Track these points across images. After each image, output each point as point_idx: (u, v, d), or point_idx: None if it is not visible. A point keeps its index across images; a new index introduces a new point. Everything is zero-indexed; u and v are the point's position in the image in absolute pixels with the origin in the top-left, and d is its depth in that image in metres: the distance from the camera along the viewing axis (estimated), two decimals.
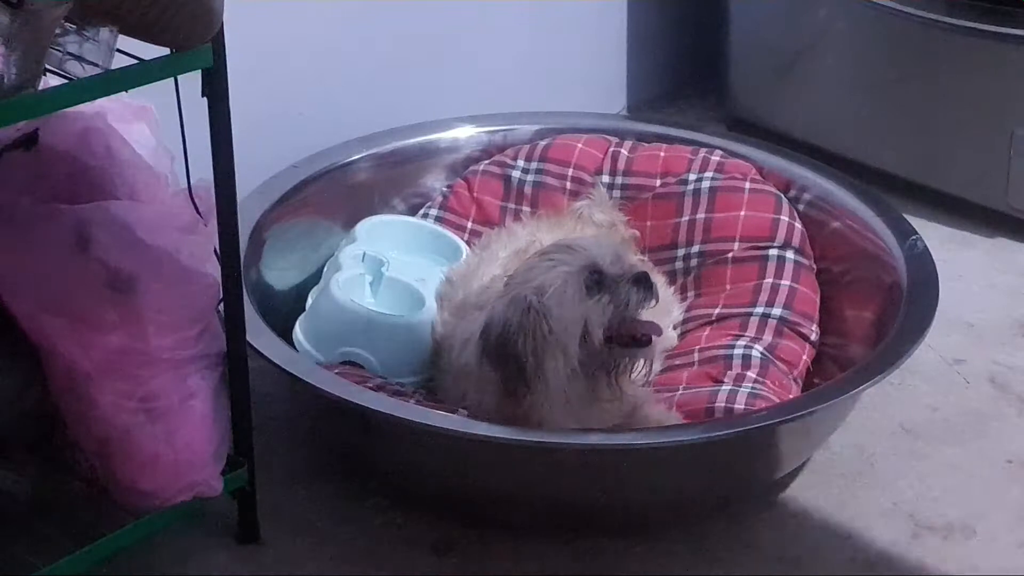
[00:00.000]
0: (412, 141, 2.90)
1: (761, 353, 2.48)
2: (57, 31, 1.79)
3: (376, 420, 2.22)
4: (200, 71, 1.92)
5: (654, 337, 2.26)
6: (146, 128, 2.14)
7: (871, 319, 2.53)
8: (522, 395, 2.19)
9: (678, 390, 2.42)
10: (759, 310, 2.57)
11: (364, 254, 2.61)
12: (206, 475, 2.09)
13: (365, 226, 2.71)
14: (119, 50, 1.86)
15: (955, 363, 2.71)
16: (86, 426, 2.04)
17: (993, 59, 3.02)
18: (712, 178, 2.76)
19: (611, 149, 2.87)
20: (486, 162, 2.91)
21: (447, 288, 2.55)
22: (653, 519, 2.32)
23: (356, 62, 2.98)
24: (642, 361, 2.26)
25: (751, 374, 2.42)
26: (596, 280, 2.21)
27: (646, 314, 2.24)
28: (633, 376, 2.27)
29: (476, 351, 2.22)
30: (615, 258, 2.25)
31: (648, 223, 2.78)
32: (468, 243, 2.77)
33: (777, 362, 2.48)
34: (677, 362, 2.53)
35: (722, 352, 2.49)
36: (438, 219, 2.84)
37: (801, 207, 2.75)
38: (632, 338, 2.23)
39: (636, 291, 2.22)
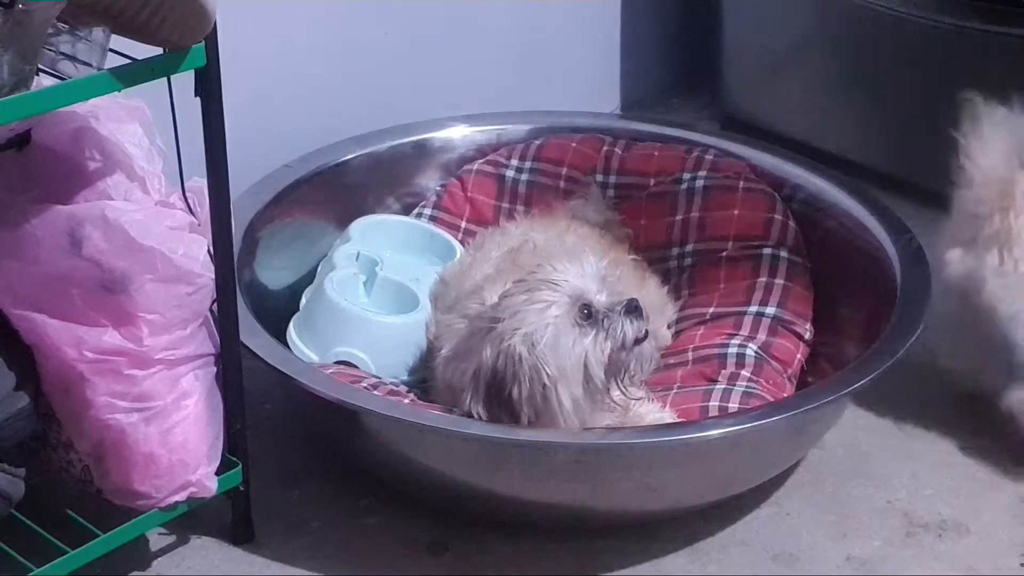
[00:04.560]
0: (406, 140, 2.90)
1: (755, 352, 2.48)
2: (50, 31, 1.79)
3: (370, 420, 2.22)
4: (193, 71, 1.92)
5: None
6: (139, 128, 2.13)
7: (865, 317, 2.53)
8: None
9: (672, 389, 2.42)
10: (753, 309, 2.57)
11: (358, 254, 2.61)
12: (200, 475, 2.09)
13: (359, 226, 2.71)
14: (112, 50, 1.86)
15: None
16: (80, 426, 2.04)
17: (986, 57, 3.02)
18: (706, 177, 2.76)
19: (605, 148, 2.87)
20: (480, 161, 2.90)
21: (441, 288, 2.54)
22: (648, 518, 2.32)
23: (350, 61, 2.98)
24: (642, 369, 2.26)
25: (745, 373, 2.42)
26: (586, 314, 2.18)
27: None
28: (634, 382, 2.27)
29: (468, 395, 2.19)
30: (600, 287, 2.22)
31: (642, 222, 2.78)
32: (462, 242, 2.76)
33: (771, 361, 2.48)
34: (671, 361, 2.53)
35: (716, 351, 2.49)
36: (432, 218, 2.84)
37: (795, 206, 2.75)
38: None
39: (630, 322, 2.20)
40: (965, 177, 2.45)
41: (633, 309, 2.21)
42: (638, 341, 2.21)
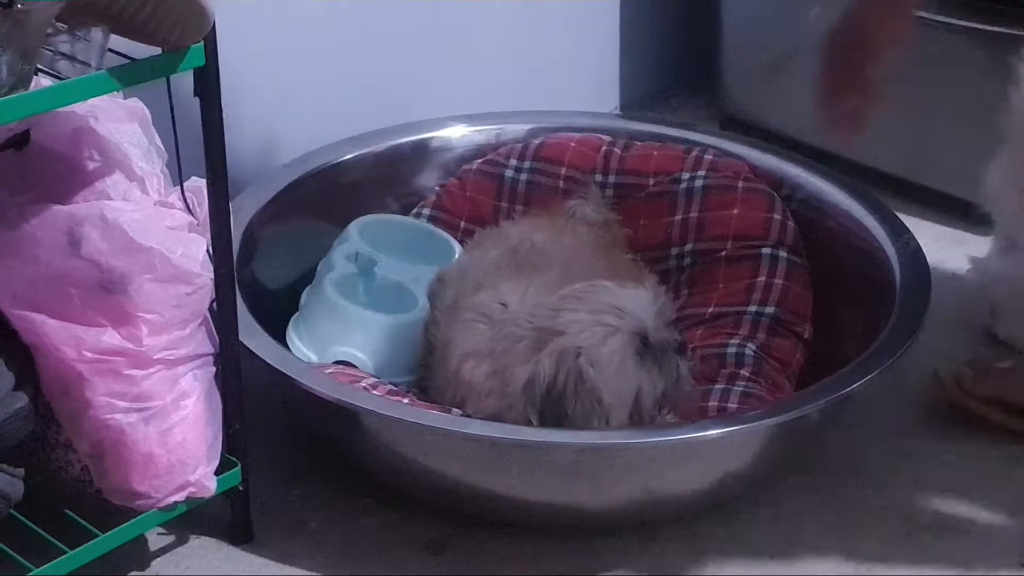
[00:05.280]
0: (405, 140, 2.90)
1: (754, 352, 2.48)
2: (48, 31, 1.79)
3: (370, 420, 2.22)
4: (192, 71, 1.92)
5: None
6: (138, 127, 2.13)
7: (864, 317, 2.53)
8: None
9: None
10: (752, 309, 2.57)
11: (357, 253, 2.61)
12: (199, 475, 2.09)
13: (358, 225, 2.71)
14: (111, 50, 1.86)
15: (948, 361, 2.71)
16: (79, 426, 2.04)
17: (985, 57, 3.02)
18: (705, 177, 2.76)
19: (604, 148, 2.87)
20: (479, 161, 2.90)
21: (439, 287, 2.54)
22: (647, 518, 2.32)
23: (348, 61, 2.98)
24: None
25: (745, 373, 2.42)
26: (643, 347, 2.21)
27: None
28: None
29: (517, 399, 2.20)
30: (659, 323, 2.24)
31: (641, 222, 2.78)
32: (461, 242, 2.76)
33: (771, 361, 2.48)
34: None
35: (716, 351, 2.49)
36: (431, 218, 2.84)
37: (794, 205, 2.75)
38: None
39: (682, 361, 2.24)
40: (1009, 106, 2.58)
41: (683, 349, 2.25)
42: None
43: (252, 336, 2.27)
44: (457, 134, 2.94)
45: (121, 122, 2.12)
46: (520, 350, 2.21)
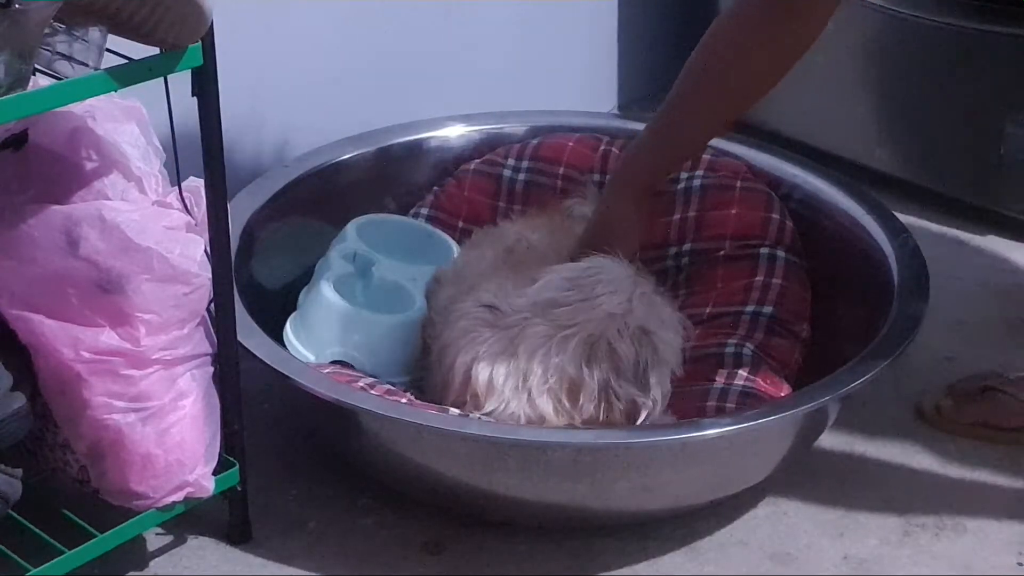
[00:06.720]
0: (403, 140, 2.89)
1: (752, 351, 2.48)
2: (46, 31, 1.79)
3: (368, 419, 2.22)
4: (190, 71, 1.92)
5: None
6: (136, 128, 2.13)
7: (862, 317, 2.53)
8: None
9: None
10: (750, 309, 2.57)
11: (355, 253, 2.61)
12: (197, 475, 2.09)
13: (356, 225, 2.70)
14: (109, 50, 1.85)
15: (946, 360, 2.72)
16: (77, 427, 2.03)
17: (984, 57, 3.02)
18: (703, 176, 2.76)
19: (602, 148, 2.87)
20: (477, 161, 2.90)
21: (436, 287, 2.54)
22: (645, 518, 2.32)
23: (346, 61, 2.98)
24: None
25: (743, 372, 2.42)
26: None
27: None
28: None
29: (605, 378, 2.21)
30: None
31: None
32: (459, 242, 2.76)
33: (769, 361, 2.48)
34: None
35: (714, 351, 2.49)
36: (429, 218, 2.84)
37: (791, 205, 2.75)
38: None
39: None
40: None
41: None
42: None
43: (250, 336, 2.27)
44: (455, 134, 2.94)
45: (119, 122, 2.12)
46: (574, 347, 2.20)
